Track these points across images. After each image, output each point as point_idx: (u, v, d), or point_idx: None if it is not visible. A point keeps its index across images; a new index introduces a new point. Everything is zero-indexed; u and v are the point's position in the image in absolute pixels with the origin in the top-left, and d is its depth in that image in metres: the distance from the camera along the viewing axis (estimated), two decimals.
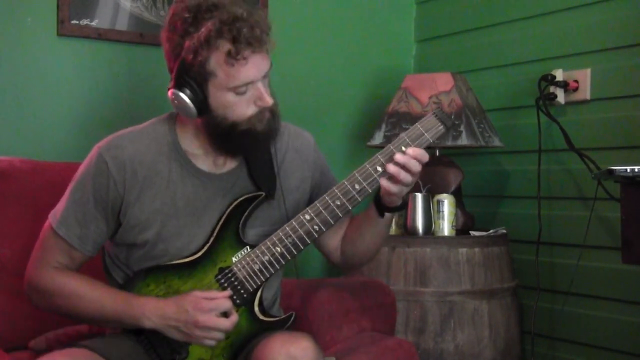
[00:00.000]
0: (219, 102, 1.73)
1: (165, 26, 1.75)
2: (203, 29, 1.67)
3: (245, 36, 1.66)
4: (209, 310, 1.71)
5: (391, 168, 1.71)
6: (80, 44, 2.65)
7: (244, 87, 1.72)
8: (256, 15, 1.71)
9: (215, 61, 1.69)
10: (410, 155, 1.71)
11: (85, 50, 2.67)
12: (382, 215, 1.84)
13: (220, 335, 1.74)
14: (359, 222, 1.93)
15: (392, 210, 1.84)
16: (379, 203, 1.83)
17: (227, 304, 1.74)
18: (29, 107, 2.58)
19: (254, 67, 1.70)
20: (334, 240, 1.97)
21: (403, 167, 1.71)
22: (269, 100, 1.74)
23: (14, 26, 2.55)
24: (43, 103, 2.60)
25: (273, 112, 1.77)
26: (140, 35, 2.74)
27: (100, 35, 2.67)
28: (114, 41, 2.70)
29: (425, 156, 1.73)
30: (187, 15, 1.70)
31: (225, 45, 1.67)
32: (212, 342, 1.75)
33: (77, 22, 2.62)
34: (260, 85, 1.73)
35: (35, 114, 2.59)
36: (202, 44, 1.67)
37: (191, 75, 1.71)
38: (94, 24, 2.65)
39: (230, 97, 1.72)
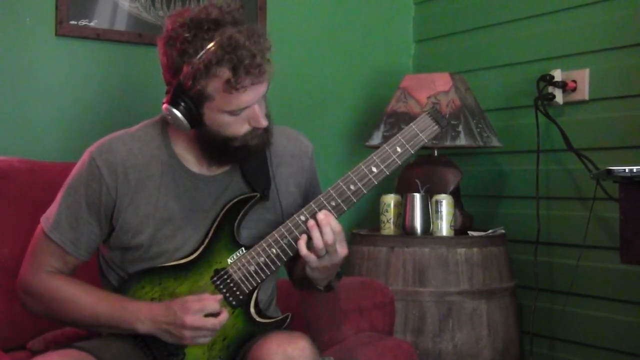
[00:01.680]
0: (214, 121, 1.73)
1: (163, 38, 1.72)
2: (203, 54, 1.64)
3: (245, 66, 1.64)
4: (195, 310, 1.70)
5: (310, 223, 1.72)
6: (78, 44, 2.65)
7: (240, 111, 1.71)
8: (257, 36, 1.68)
9: (213, 88, 1.67)
10: (325, 216, 1.70)
11: (83, 50, 2.67)
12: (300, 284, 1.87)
13: (209, 334, 1.73)
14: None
15: (312, 287, 1.84)
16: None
17: (214, 306, 1.72)
18: (28, 108, 2.58)
19: (251, 93, 1.69)
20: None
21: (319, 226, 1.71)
22: (263, 123, 1.74)
23: (13, 26, 2.55)
24: (42, 103, 2.60)
25: (266, 128, 1.77)
26: (139, 35, 2.74)
27: (98, 36, 2.67)
28: (112, 41, 2.70)
29: (336, 226, 1.71)
30: (187, 34, 1.66)
31: (225, 74, 1.65)
32: (204, 340, 1.74)
33: (76, 22, 2.62)
34: (256, 107, 1.72)
35: (33, 114, 2.59)
36: (202, 71, 1.64)
37: (188, 96, 1.69)
38: (92, 24, 2.65)
39: (225, 117, 1.72)
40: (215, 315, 1.72)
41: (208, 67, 1.64)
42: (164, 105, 1.73)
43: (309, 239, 1.72)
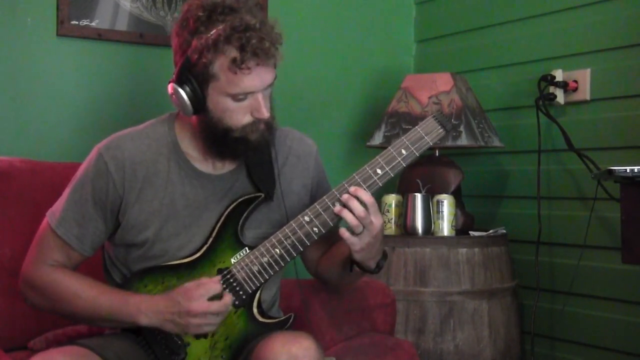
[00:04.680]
0: (217, 105, 1.73)
1: (178, 21, 1.75)
2: (213, 32, 1.67)
3: (252, 46, 1.66)
4: (199, 296, 1.71)
5: (336, 208, 1.72)
6: (80, 45, 2.66)
7: (243, 96, 1.72)
8: (269, 26, 1.71)
9: (219, 65, 1.69)
10: (352, 194, 1.71)
11: (85, 50, 2.67)
12: (350, 268, 1.85)
13: (216, 319, 1.73)
14: (335, 254, 1.93)
15: (363, 269, 1.84)
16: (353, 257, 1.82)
17: (216, 287, 1.73)
18: (29, 108, 2.58)
19: (256, 78, 1.70)
20: (315, 253, 1.97)
21: (345, 206, 1.71)
22: (265, 114, 1.74)
23: (14, 26, 2.55)
24: (43, 103, 2.60)
25: (268, 124, 1.77)
26: (140, 35, 2.74)
27: (100, 36, 2.67)
28: (113, 41, 2.70)
29: (368, 198, 1.72)
30: (200, 14, 1.69)
31: (232, 52, 1.67)
32: (210, 328, 1.74)
33: (77, 22, 2.62)
34: (260, 96, 1.73)
35: (35, 114, 2.59)
36: (209, 46, 1.67)
37: (193, 73, 1.71)
38: (93, 24, 2.65)
39: (229, 102, 1.72)
40: (218, 298, 1.73)
41: (216, 43, 1.66)
42: (170, 85, 1.74)
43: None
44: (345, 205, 1.71)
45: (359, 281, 2.05)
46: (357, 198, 1.71)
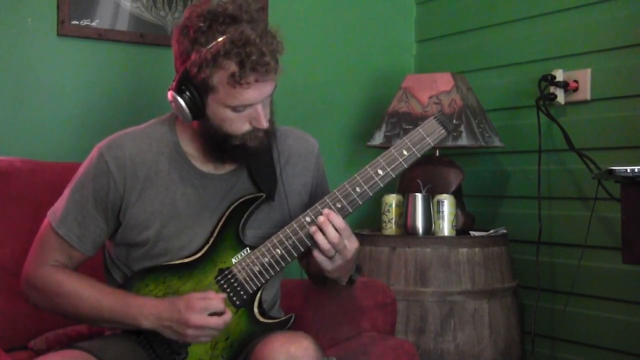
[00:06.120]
0: (216, 114, 1.74)
1: (179, 26, 1.74)
2: (212, 45, 1.66)
3: (252, 62, 1.65)
4: (200, 309, 1.71)
5: (312, 229, 1.73)
6: (80, 45, 2.66)
7: (242, 107, 1.72)
8: (270, 37, 1.70)
9: (218, 79, 1.68)
10: (326, 216, 1.72)
11: (85, 50, 2.67)
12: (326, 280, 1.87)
13: (213, 333, 1.73)
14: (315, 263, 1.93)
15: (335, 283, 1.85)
16: None
17: (218, 305, 1.72)
18: (29, 108, 2.58)
19: (256, 91, 1.70)
20: (309, 255, 1.97)
21: (320, 228, 1.72)
22: (264, 124, 1.75)
23: (15, 26, 2.55)
24: (43, 103, 2.60)
25: (267, 131, 1.78)
26: (141, 35, 2.74)
27: (100, 36, 2.67)
28: (114, 41, 2.70)
29: (339, 223, 1.72)
30: (201, 24, 1.68)
31: (231, 67, 1.66)
32: (207, 340, 1.75)
33: (77, 22, 2.62)
34: (259, 107, 1.73)
35: (35, 114, 2.59)
36: (208, 61, 1.66)
37: (193, 84, 1.71)
38: (94, 24, 2.65)
39: (228, 112, 1.73)
40: (219, 314, 1.72)
41: (215, 57, 1.66)
42: (169, 92, 1.74)
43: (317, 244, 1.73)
44: (320, 229, 1.72)
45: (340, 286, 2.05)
46: (331, 222, 1.71)
